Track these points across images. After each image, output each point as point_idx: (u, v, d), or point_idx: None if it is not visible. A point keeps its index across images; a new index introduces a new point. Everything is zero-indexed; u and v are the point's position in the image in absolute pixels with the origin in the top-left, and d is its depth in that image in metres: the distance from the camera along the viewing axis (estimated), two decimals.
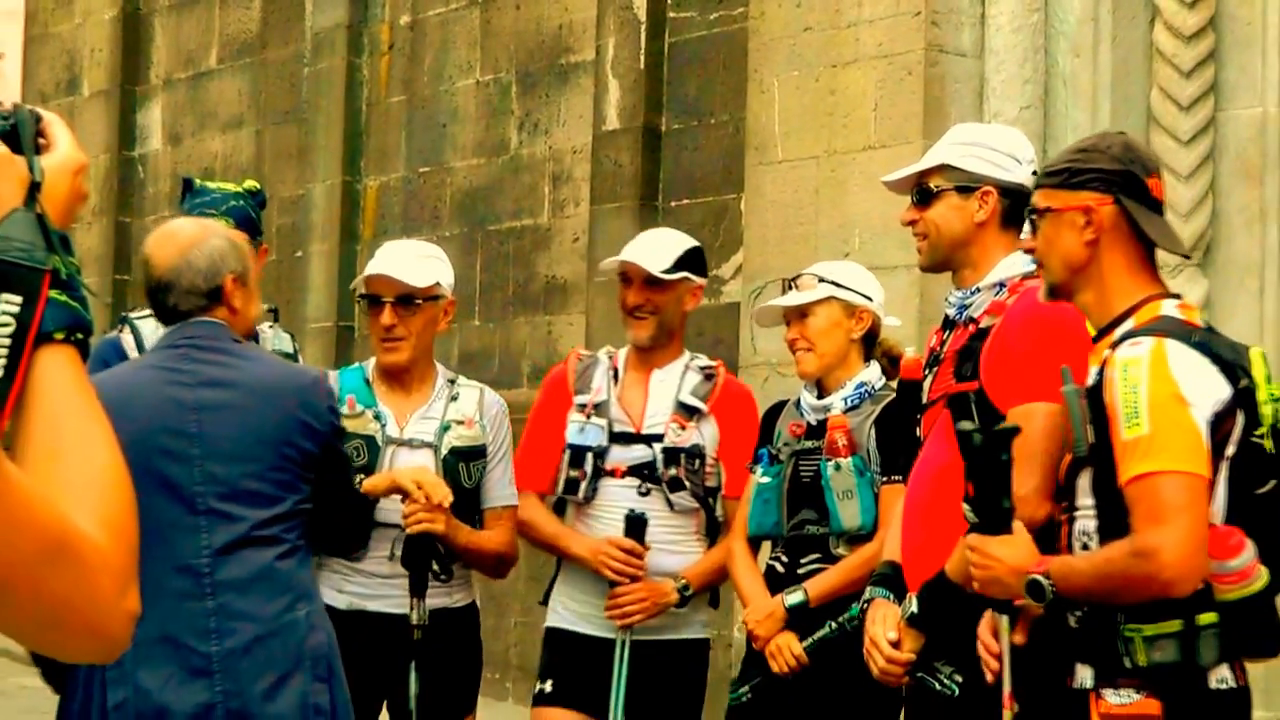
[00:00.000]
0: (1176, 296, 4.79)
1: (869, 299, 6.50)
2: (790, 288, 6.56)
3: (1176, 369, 4.47)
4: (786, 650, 6.27)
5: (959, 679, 5.25)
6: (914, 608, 5.59)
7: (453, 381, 6.69)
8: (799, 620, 6.24)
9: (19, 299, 2.10)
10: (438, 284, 6.61)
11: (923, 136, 10.60)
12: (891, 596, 5.40)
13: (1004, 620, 5.07)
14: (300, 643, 4.87)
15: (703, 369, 6.82)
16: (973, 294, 5.43)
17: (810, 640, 6.18)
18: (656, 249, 6.92)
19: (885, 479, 6.27)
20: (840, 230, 10.75)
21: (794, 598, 6.28)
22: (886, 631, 5.60)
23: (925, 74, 10.79)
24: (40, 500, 1.89)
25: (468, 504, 6.70)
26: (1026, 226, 5.14)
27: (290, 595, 4.95)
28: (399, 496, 6.39)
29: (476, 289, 14.26)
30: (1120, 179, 4.74)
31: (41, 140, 2.30)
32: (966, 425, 5.14)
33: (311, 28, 16.30)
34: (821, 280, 6.48)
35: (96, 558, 1.91)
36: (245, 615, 4.89)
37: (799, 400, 6.60)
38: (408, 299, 6.55)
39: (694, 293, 6.99)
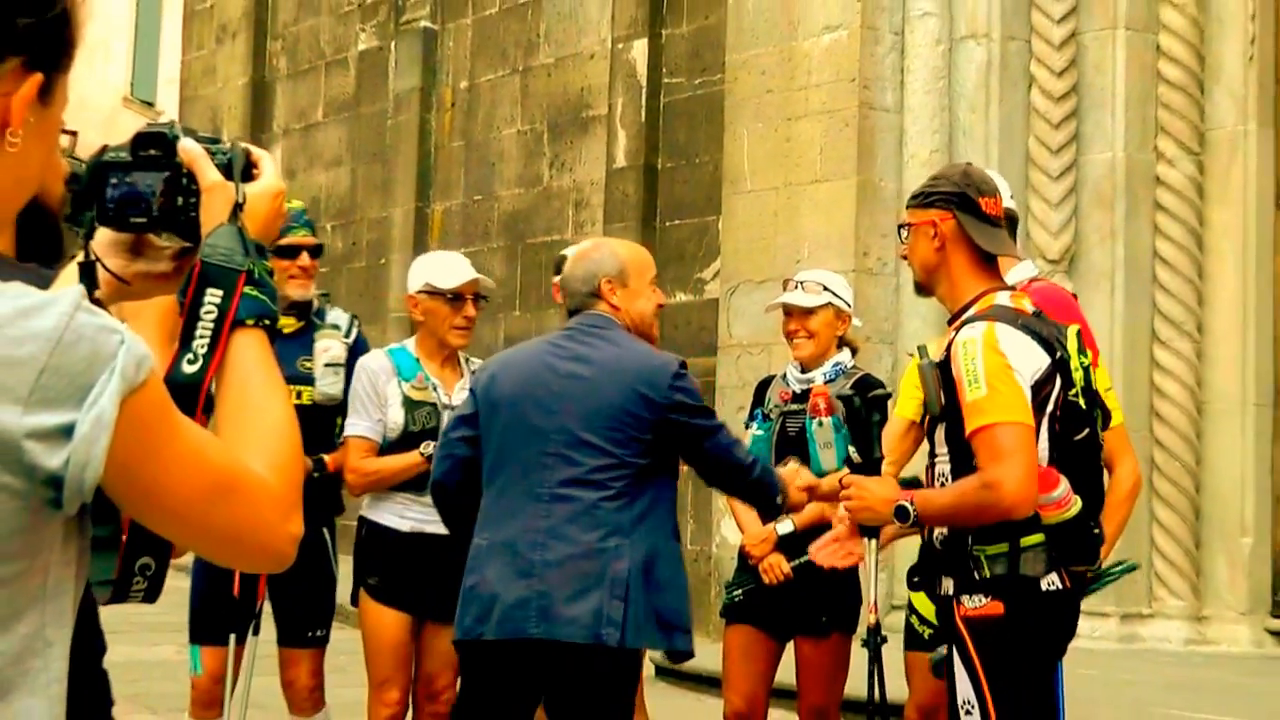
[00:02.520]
0: (1011, 289, 4.83)
1: (849, 305, 6.58)
2: (796, 287, 6.58)
3: (1004, 345, 4.53)
4: (777, 568, 6.30)
5: (933, 628, 5.34)
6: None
7: (469, 360, 6.66)
8: (786, 544, 6.28)
9: (221, 292, 2.12)
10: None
11: (856, 173, 11.02)
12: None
13: (871, 542, 5.25)
14: (605, 567, 4.80)
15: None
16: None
17: (796, 561, 6.23)
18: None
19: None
20: (794, 244, 11.05)
21: (784, 526, 6.32)
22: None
23: (859, 125, 11.00)
24: (213, 447, 1.87)
25: None
26: (900, 236, 5.21)
27: (605, 529, 4.85)
28: None
29: (517, 288, 14.37)
30: (957, 199, 4.77)
31: (255, 171, 2.30)
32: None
33: (393, 90, 16.43)
34: (824, 288, 6.55)
35: (263, 492, 1.90)
36: (566, 538, 4.85)
37: (785, 374, 6.63)
38: (479, 298, 6.52)
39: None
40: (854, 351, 6.82)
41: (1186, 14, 10.73)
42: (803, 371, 6.56)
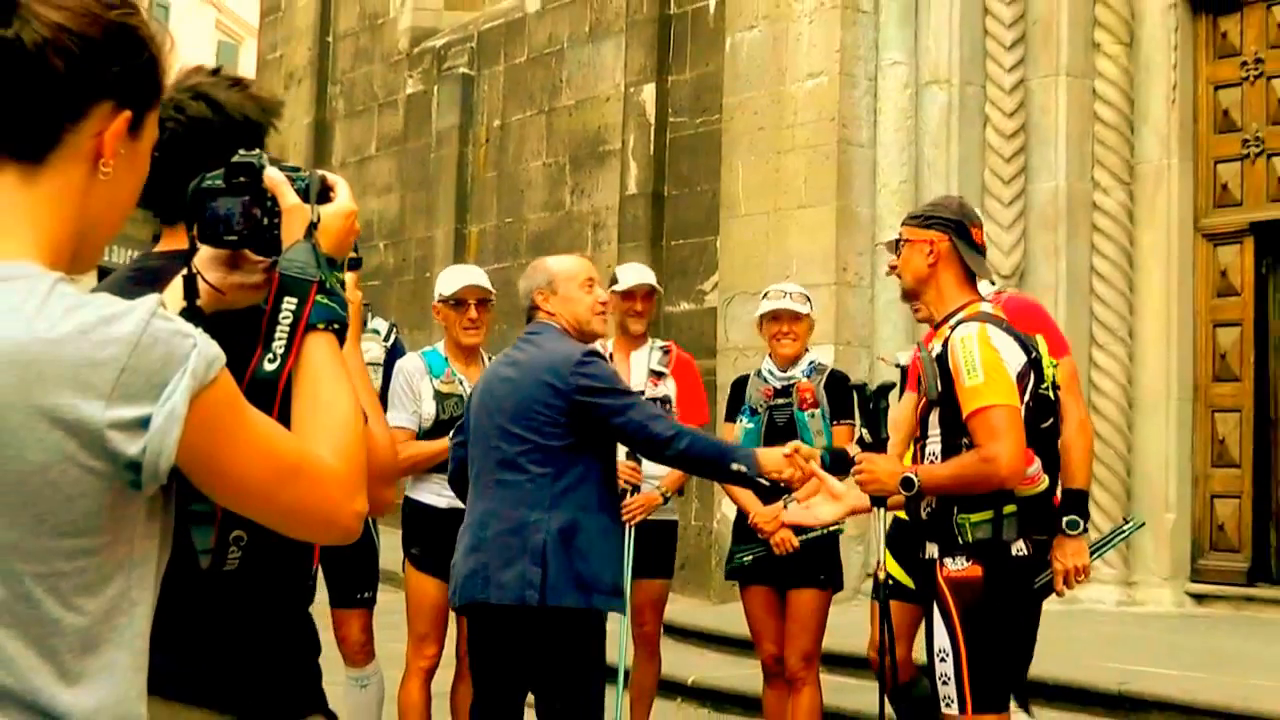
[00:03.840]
0: (988, 301, 4.96)
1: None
2: (784, 296, 6.69)
3: (995, 341, 4.66)
4: (787, 542, 6.40)
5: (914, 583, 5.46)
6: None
7: (490, 357, 6.70)
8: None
9: (296, 300, 2.12)
10: (494, 293, 6.68)
11: (836, 200, 11.04)
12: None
13: (880, 511, 5.21)
14: (527, 538, 4.89)
15: (661, 348, 7.02)
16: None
17: (805, 536, 6.32)
18: (645, 275, 7.09)
19: (835, 421, 6.43)
20: (782, 261, 11.05)
21: (791, 505, 6.43)
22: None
23: (838, 159, 11.01)
24: (280, 436, 1.86)
25: None
26: (892, 247, 5.27)
27: (527, 506, 4.94)
28: None
29: None
30: (954, 225, 4.88)
31: (332, 194, 2.32)
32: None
33: (436, 128, 16.46)
34: (806, 299, 6.67)
35: (329, 475, 1.91)
36: (499, 516, 4.99)
37: (759, 372, 6.69)
38: (485, 301, 6.57)
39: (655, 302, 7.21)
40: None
41: (1118, 64, 10.76)
42: (782, 370, 6.64)
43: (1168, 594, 10.28)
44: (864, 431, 5.15)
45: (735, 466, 5.01)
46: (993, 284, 5.70)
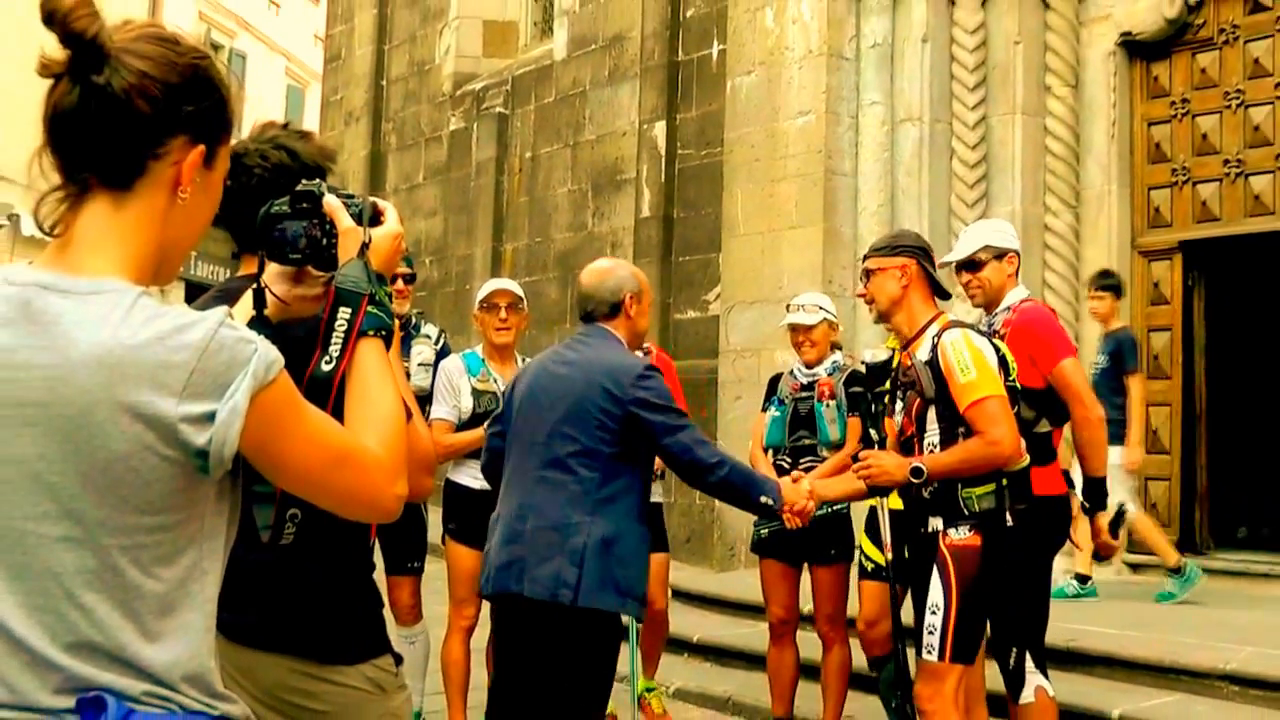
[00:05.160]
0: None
1: (835, 317, 6.68)
2: (799, 309, 6.67)
3: (977, 343, 4.73)
4: (798, 519, 6.40)
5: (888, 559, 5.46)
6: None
7: (524, 358, 6.68)
8: None
9: (349, 310, 2.14)
10: (524, 298, 6.64)
11: (823, 221, 10.95)
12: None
13: (883, 500, 5.28)
14: (567, 539, 4.44)
15: (643, 349, 6.87)
16: (994, 315, 5.56)
17: (814, 514, 6.35)
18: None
19: (851, 413, 6.45)
20: (776, 274, 11.06)
21: (806, 484, 6.46)
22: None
23: (824, 186, 10.96)
24: (332, 428, 1.88)
25: None
26: (861, 278, 5.22)
27: (571, 507, 4.50)
28: None
29: (568, 308, 14.37)
30: (919, 251, 4.89)
31: (382, 218, 2.33)
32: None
33: (475, 160, 16.47)
34: (820, 308, 6.63)
35: (373, 463, 1.91)
36: (541, 513, 4.52)
37: (792, 370, 6.71)
38: (514, 304, 6.55)
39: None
40: (839, 347, 6.97)
41: (1066, 104, 10.73)
42: (808, 369, 6.67)
43: (1108, 564, 10.23)
44: (871, 431, 5.18)
45: (763, 499, 4.77)
46: (1024, 289, 5.76)
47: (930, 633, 4.67)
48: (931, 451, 4.78)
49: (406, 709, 2.91)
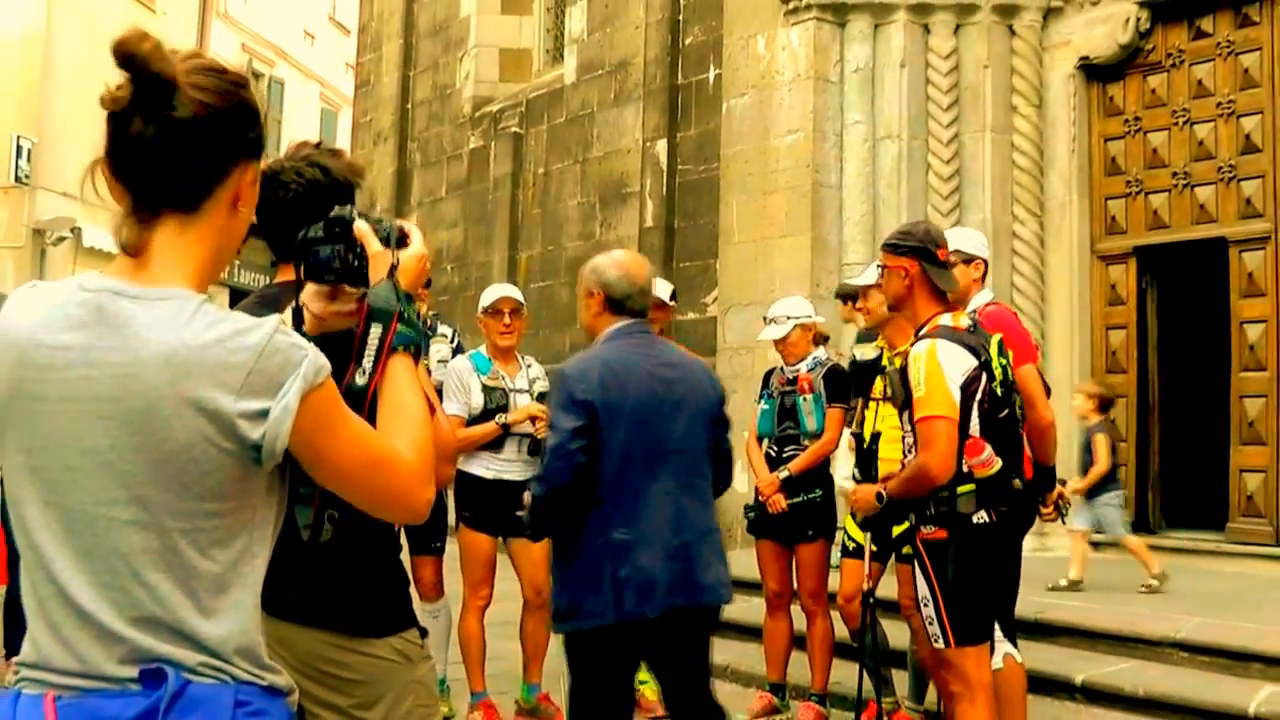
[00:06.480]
0: (953, 312, 4.82)
1: (809, 316, 6.64)
2: (770, 323, 6.65)
3: (940, 356, 4.48)
4: (777, 504, 6.46)
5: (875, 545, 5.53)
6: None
7: (524, 357, 6.67)
8: (786, 485, 6.42)
9: (380, 327, 2.11)
10: (524, 304, 6.63)
11: (811, 230, 10.91)
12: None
13: (867, 535, 5.65)
14: (717, 541, 4.18)
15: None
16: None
17: (792, 500, 6.38)
18: (663, 289, 6.98)
19: (829, 404, 6.47)
20: (768, 279, 11.06)
21: (784, 473, 6.44)
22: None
23: (812, 197, 10.95)
24: (370, 433, 1.87)
25: None
26: (875, 272, 5.13)
27: (709, 510, 4.24)
28: (528, 421, 6.32)
29: (577, 310, 14.18)
30: (922, 250, 4.73)
31: (408, 240, 2.32)
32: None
33: (493, 175, 16.42)
34: (788, 318, 6.59)
35: (405, 467, 1.91)
36: (694, 521, 4.13)
37: (780, 367, 6.70)
38: (517, 310, 6.54)
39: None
40: (826, 339, 7.00)
41: (1031, 122, 10.75)
42: (791, 366, 6.68)
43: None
44: (846, 429, 5.17)
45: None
46: (990, 292, 5.57)
47: (930, 624, 4.60)
48: (911, 449, 4.68)
49: (431, 677, 2.92)
